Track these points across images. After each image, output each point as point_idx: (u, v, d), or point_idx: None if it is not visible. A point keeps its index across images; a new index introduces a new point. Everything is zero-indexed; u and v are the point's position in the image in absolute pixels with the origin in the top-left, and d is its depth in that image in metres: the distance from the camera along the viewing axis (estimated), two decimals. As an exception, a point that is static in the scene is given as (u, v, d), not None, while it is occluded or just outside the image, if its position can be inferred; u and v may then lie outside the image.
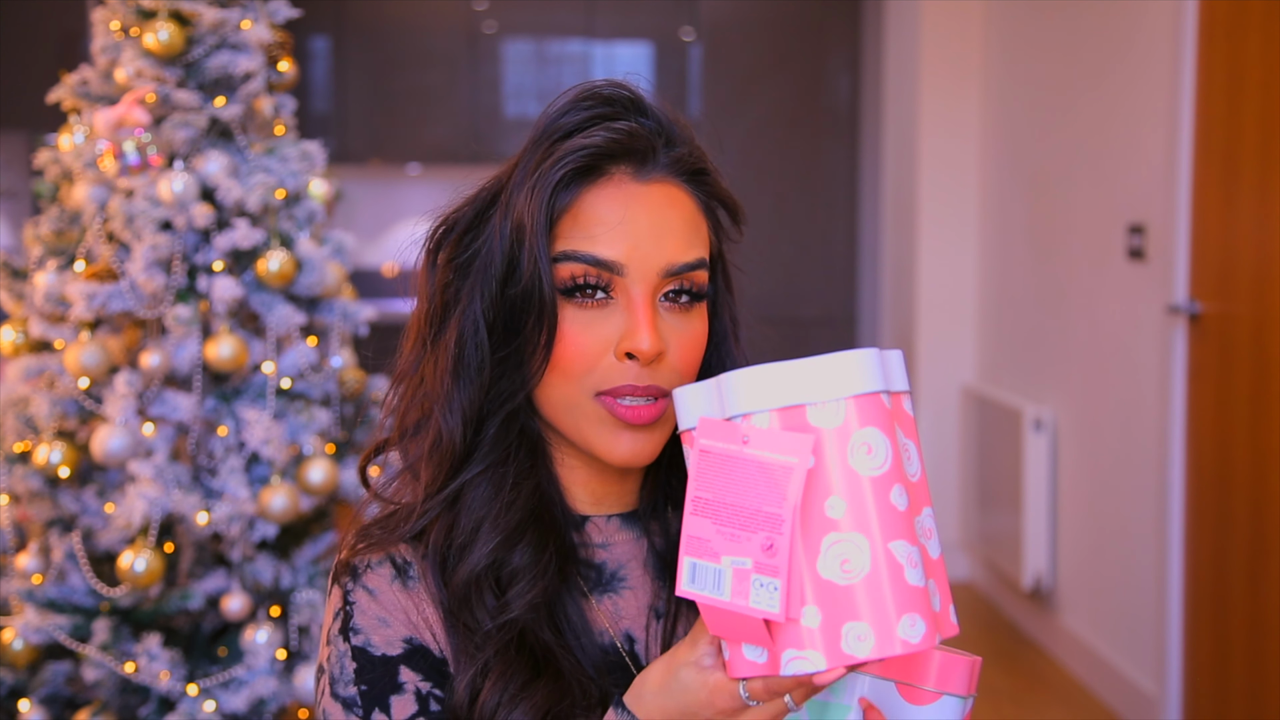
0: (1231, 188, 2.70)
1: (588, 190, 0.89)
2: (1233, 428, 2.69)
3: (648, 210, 0.89)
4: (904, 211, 4.54)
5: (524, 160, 0.91)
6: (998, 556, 3.95)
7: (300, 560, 2.30)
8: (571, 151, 0.88)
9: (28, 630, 2.15)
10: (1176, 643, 2.91)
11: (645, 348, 0.87)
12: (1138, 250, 3.10)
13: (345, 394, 2.37)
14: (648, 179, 0.91)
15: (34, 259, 2.30)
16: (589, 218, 0.88)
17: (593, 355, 0.88)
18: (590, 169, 0.89)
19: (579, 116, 0.90)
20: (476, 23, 5.30)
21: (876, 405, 0.74)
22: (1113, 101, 3.27)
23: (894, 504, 0.73)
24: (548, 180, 0.88)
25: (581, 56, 5.38)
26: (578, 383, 0.89)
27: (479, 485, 0.91)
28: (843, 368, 0.74)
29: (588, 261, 0.88)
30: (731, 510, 0.74)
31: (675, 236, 0.90)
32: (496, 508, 0.90)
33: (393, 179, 5.59)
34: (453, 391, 0.91)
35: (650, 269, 0.89)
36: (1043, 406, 3.68)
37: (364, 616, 0.90)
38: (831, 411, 0.73)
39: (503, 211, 0.90)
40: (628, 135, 0.90)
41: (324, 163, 2.38)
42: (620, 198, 0.89)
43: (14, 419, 2.26)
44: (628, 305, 0.88)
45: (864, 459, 0.73)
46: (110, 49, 2.28)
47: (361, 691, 0.88)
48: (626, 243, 0.88)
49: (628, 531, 0.97)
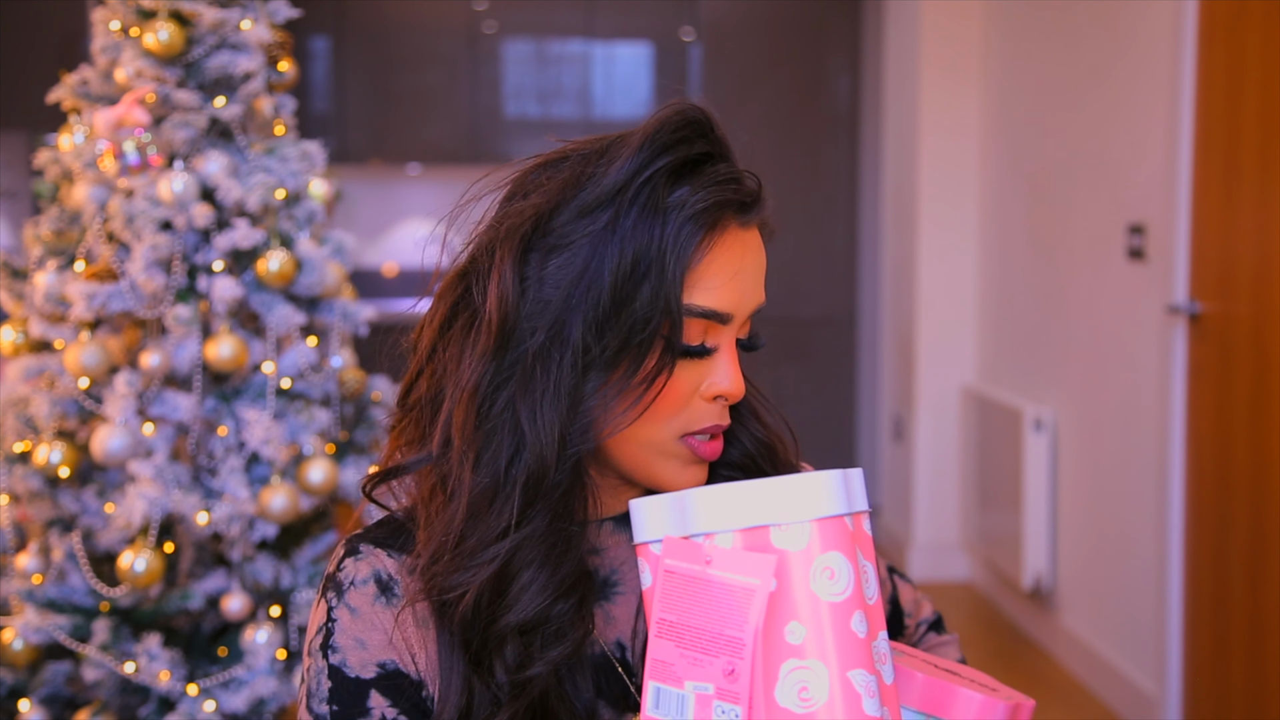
0: (1231, 188, 2.70)
1: (710, 243, 0.87)
2: (1233, 428, 2.69)
3: (751, 259, 0.90)
4: (904, 211, 4.54)
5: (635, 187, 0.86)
6: (998, 556, 3.95)
7: (300, 560, 2.30)
8: (703, 210, 0.86)
9: (28, 630, 2.15)
10: (1176, 643, 2.91)
11: (738, 391, 0.89)
12: (1138, 250, 3.10)
13: (345, 394, 2.37)
14: (748, 226, 0.91)
15: (34, 259, 2.30)
16: (710, 271, 0.87)
17: (685, 399, 0.89)
18: (712, 222, 0.88)
19: (681, 151, 0.87)
20: (476, 23, 5.30)
21: (840, 529, 0.74)
22: (1113, 101, 3.27)
23: (854, 631, 0.72)
24: (687, 237, 0.85)
25: (581, 56, 5.38)
26: (665, 425, 0.88)
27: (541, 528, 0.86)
28: (808, 490, 0.74)
29: (705, 314, 0.87)
30: (694, 633, 0.74)
31: (760, 279, 0.92)
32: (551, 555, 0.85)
33: (393, 179, 5.59)
34: (553, 418, 0.84)
35: (745, 313, 0.90)
36: (1043, 406, 3.68)
37: (343, 635, 0.89)
38: (796, 534, 0.73)
39: (613, 237, 0.85)
40: (739, 186, 0.90)
41: (324, 163, 2.38)
42: (736, 250, 0.89)
43: (14, 419, 2.26)
44: (722, 352, 0.90)
45: (826, 584, 0.72)
46: (110, 49, 2.28)
47: (333, 711, 0.88)
48: (737, 294, 0.89)
49: (621, 534, 0.96)
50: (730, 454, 0.99)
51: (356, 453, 2.38)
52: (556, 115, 5.39)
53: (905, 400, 4.58)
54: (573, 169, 0.89)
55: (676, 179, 0.87)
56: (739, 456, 0.99)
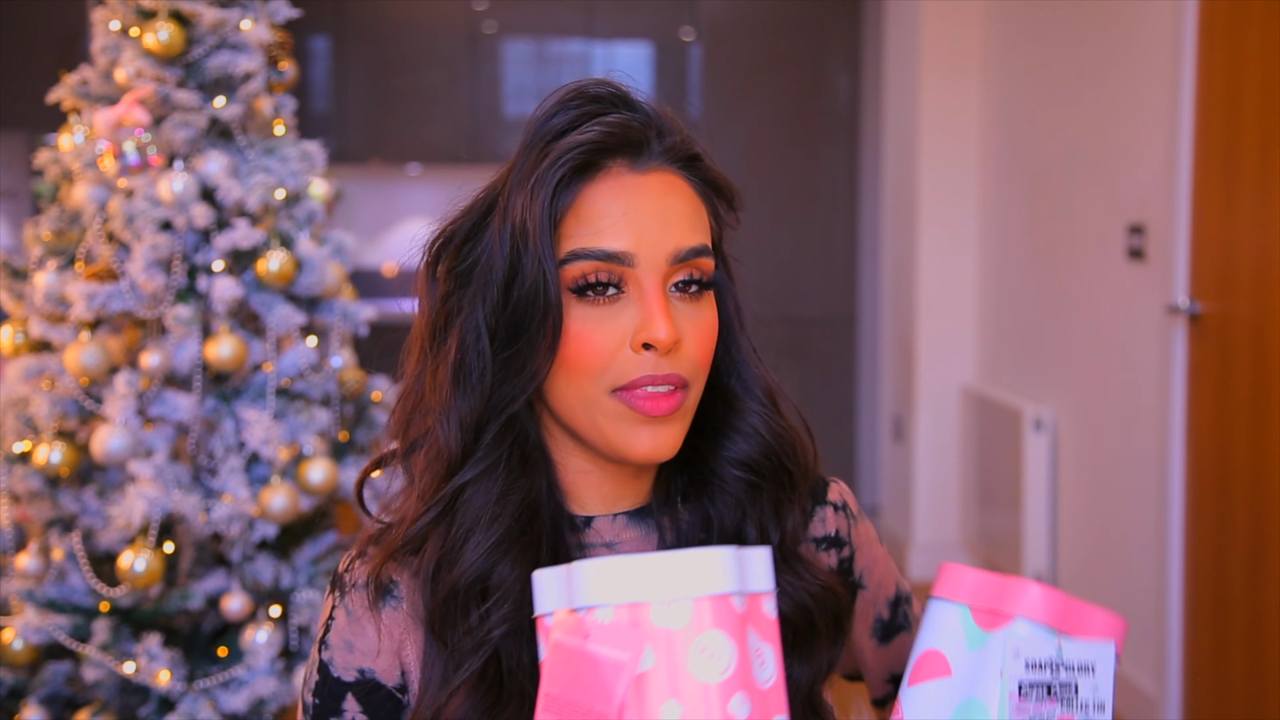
0: (1231, 188, 2.70)
1: (587, 187, 0.89)
2: (1233, 428, 2.69)
3: (650, 199, 0.89)
4: (904, 211, 4.54)
5: (518, 164, 0.90)
6: (998, 556, 3.95)
7: (300, 560, 2.30)
8: (568, 150, 0.88)
9: (28, 630, 2.15)
10: (1176, 643, 2.91)
11: (663, 336, 0.86)
12: (1138, 250, 3.10)
13: (345, 394, 2.37)
14: (645, 169, 0.90)
15: (34, 259, 2.30)
16: (592, 213, 0.88)
17: (608, 351, 0.88)
18: (587, 165, 0.89)
19: (569, 116, 0.90)
20: (476, 23, 5.30)
21: (725, 608, 0.73)
22: (1113, 101, 3.27)
23: (732, 714, 0.72)
24: (547, 180, 0.87)
25: (581, 56, 5.38)
26: (594, 380, 0.88)
27: (473, 492, 0.91)
28: (692, 567, 0.73)
29: (597, 257, 0.87)
30: (571, 708, 0.73)
31: (680, 222, 0.89)
32: (486, 515, 0.90)
33: (393, 179, 5.59)
34: (451, 400, 0.91)
35: (659, 257, 0.88)
36: (1043, 406, 3.68)
37: (336, 635, 0.93)
38: (677, 611, 0.72)
39: (501, 216, 0.90)
40: (621, 128, 0.89)
41: (324, 163, 2.38)
42: (621, 190, 0.89)
43: (14, 419, 2.26)
44: (640, 297, 0.88)
45: (705, 663, 0.72)
46: (110, 49, 2.28)
47: (314, 704, 0.93)
48: (632, 233, 0.87)
49: (636, 528, 0.96)
50: (745, 448, 0.96)
51: (356, 453, 2.38)
52: (556, 115, 5.38)
53: (905, 400, 4.58)
54: (502, 167, 0.94)
55: (560, 138, 0.90)
56: (758, 452, 0.96)
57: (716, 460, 0.96)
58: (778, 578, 0.93)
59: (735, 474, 0.96)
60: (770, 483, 0.96)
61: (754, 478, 0.96)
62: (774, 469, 0.96)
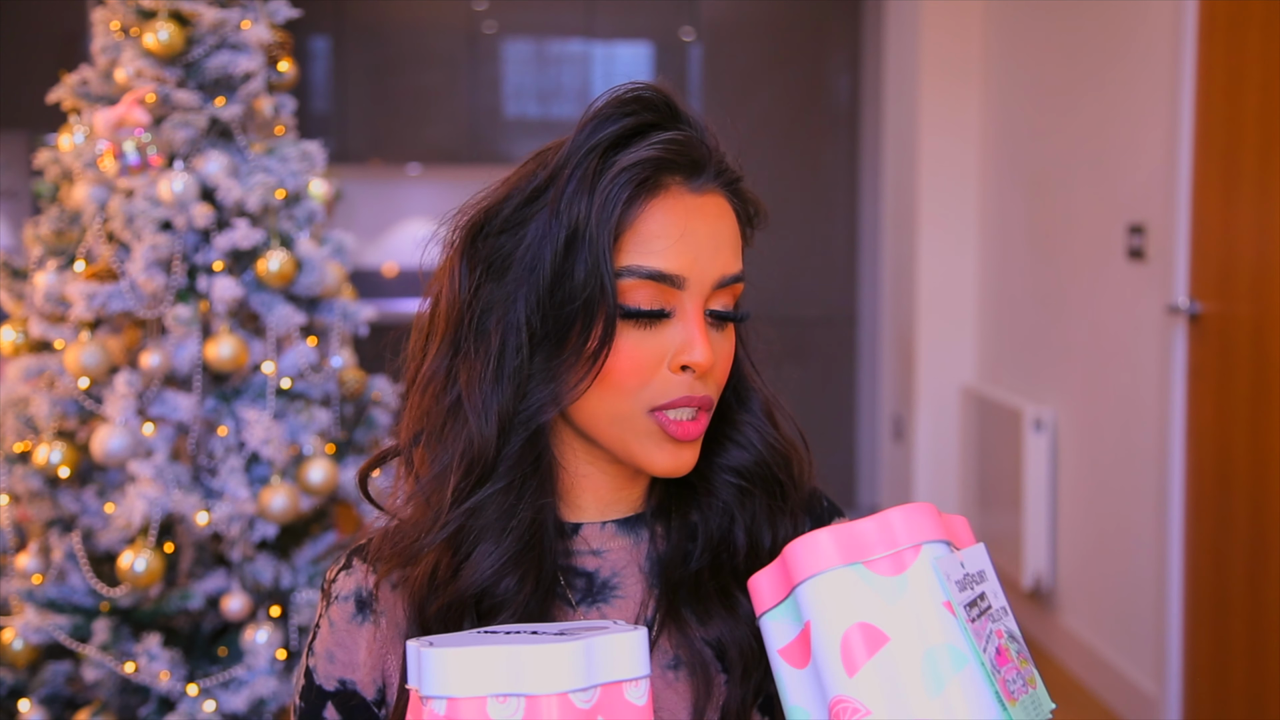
0: (1231, 188, 2.70)
1: (647, 204, 0.87)
2: (1233, 428, 2.69)
3: (705, 222, 0.89)
4: (904, 211, 4.54)
5: (573, 162, 0.87)
6: (998, 556, 3.95)
7: (300, 560, 2.30)
8: (632, 166, 0.87)
9: (28, 630, 2.15)
10: (1176, 643, 2.91)
11: (702, 359, 0.87)
12: (1138, 250, 3.10)
13: (345, 394, 2.37)
14: (702, 191, 0.90)
15: (34, 259, 2.30)
16: (650, 231, 0.87)
17: (648, 370, 0.88)
18: (646, 180, 0.88)
19: (625, 123, 0.88)
20: (476, 23, 5.30)
21: (564, 705, 0.72)
22: (1113, 101, 3.27)
23: None
24: (613, 197, 0.86)
25: (581, 56, 5.38)
26: (631, 398, 0.88)
27: (491, 504, 0.89)
28: (530, 663, 0.72)
29: (651, 276, 0.86)
30: None
31: (727, 248, 0.90)
32: (498, 530, 0.88)
33: (393, 179, 5.59)
34: (490, 396, 0.88)
35: (706, 281, 0.88)
36: (1043, 406, 3.68)
37: (321, 643, 0.94)
38: (512, 707, 0.71)
39: (553, 214, 0.87)
40: (683, 146, 0.89)
41: (324, 163, 2.38)
42: (679, 210, 0.88)
43: (14, 419, 2.26)
44: (683, 318, 0.88)
45: None
46: (110, 49, 2.28)
47: (301, 707, 0.94)
48: (687, 256, 0.87)
49: (625, 537, 0.96)
50: (739, 457, 0.96)
51: (356, 453, 2.38)
52: (556, 115, 5.39)
53: (905, 400, 4.58)
54: (530, 162, 0.92)
55: (615, 149, 0.88)
56: (751, 462, 0.96)
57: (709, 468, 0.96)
58: None
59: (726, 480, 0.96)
60: (761, 490, 0.96)
61: (744, 484, 0.96)
62: (765, 478, 0.97)
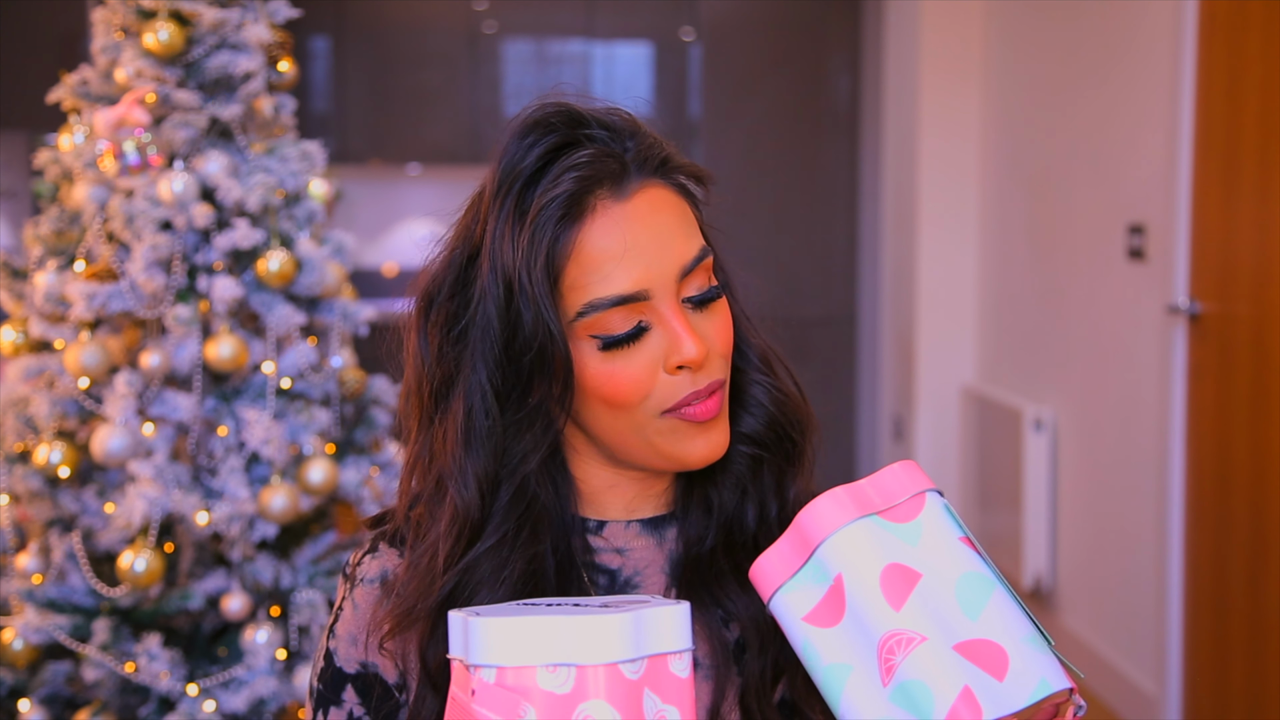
0: (1231, 188, 2.70)
1: (579, 231, 0.86)
2: (1233, 428, 2.69)
3: (643, 224, 0.87)
4: (904, 211, 4.54)
5: (494, 213, 0.87)
6: (998, 556, 3.95)
7: (300, 560, 2.30)
8: (549, 204, 0.85)
9: (28, 630, 2.15)
10: (1176, 643, 2.91)
11: (693, 355, 0.87)
12: (1138, 250, 3.10)
13: (345, 394, 2.37)
14: (627, 194, 0.88)
15: (34, 259, 2.30)
16: (593, 259, 0.86)
17: (644, 381, 0.88)
18: (571, 208, 0.87)
19: (534, 155, 0.87)
20: (476, 23, 5.30)
21: (612, 676, 0.72)
22: (1113, 101, 3.27)
23: None
24: (538, 239, 0.85)
25: (581, 56, 5.38)
26: (639, 410, 0.88)
27: (484, 561, 0.90)
28: (580, 633, 0.72)
29: (614, 303, 0.86)
30: None
31: (675, 237, 0.89)
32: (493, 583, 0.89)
33: (393, 179, 5.59)
34: (465, 463, 0.89)
35: (668, 279, 0.88)
36: (1043, 406, 3.68)
37: (343, 626, 0.94)
38: (560, 677, 0.72)
39: (490, 268, 0.87)
40: (592, 168, 0.87)
41: (324, 163, 2.38)
42: (614, 227, 0.87)
43: (14, 419, 2.26)
44: (661, 323, 0.88)
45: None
46: (110, 49, 2.28)
47: (318, 689, 0.94)
48: (639, 267, 0.86)
49: (648, 537, 0.96)
50: (750, 423, 0.96)
51: (356, 453, 2.38)
52: (556, 115, 5.38)
53: (905, 400, 4.58)
54: (464, 215, 0.91)
55: (531, 186, 0.87)
56: (762, 426, 0.96)
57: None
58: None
59: (740, 450, 0.95)
60: (774, 453, 0.96)
61: (758, 451, 0.96)
62: (778, 439, 0.96)
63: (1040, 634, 0.78)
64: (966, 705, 0.73)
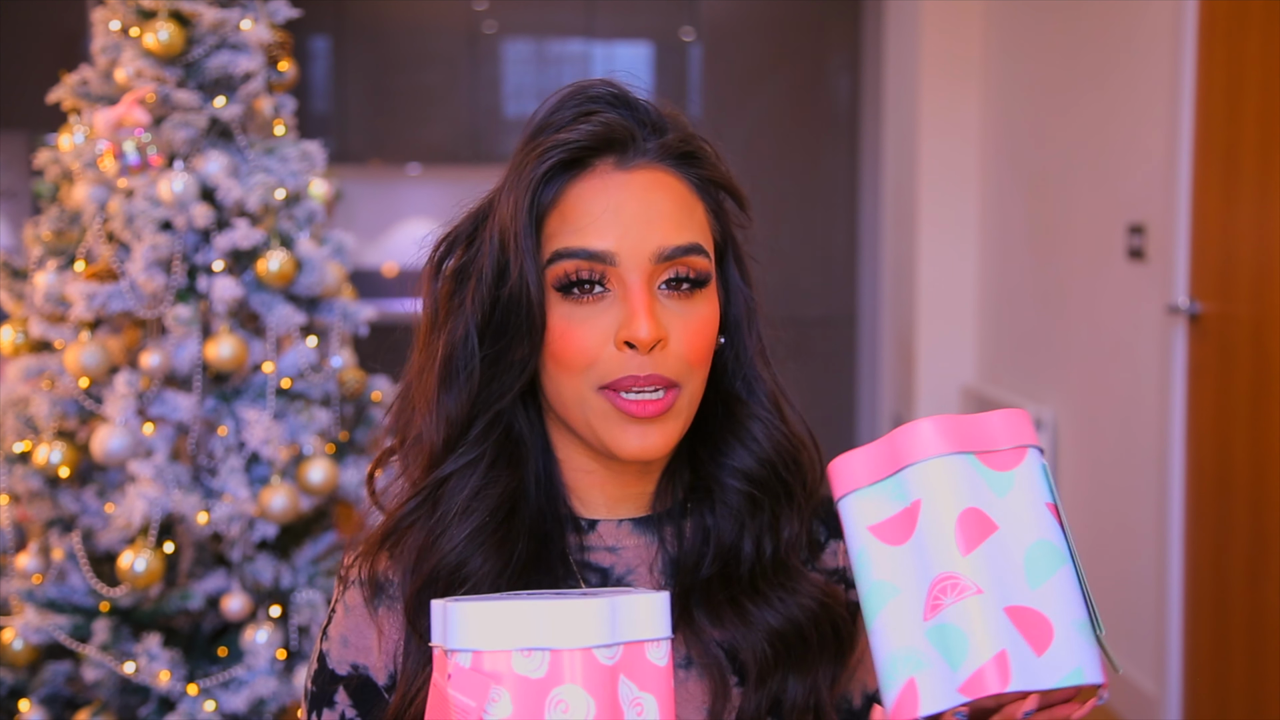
0: (1231, 188, 2.70)
1: (571, 185, 0.89)
2: (1233, 428, 2.69)
3: (633, 196, 0.89)
4: (904, 211, 4.54)
5: (513, 164, 0.91)
6: (998, 556, 3.94)
7: (300, 560, 2.30)
8: (552, 148, 0.88)
9: (28, 630, 2.15)
10: (1176, 643, 2.91)
11: (643, 335, 0.86)
12: (1138, 250, 3.10)
13: (345, 394, 2.37)
14: (631, 167, 0.90)
15: (34, 259, 2.30)
16: (575, 211, 0.88)
17: (592, 348, 0.88)
18: (573, 164, 0.89)
19: (565, 115, 0.91)
20: (476, 23, 5.30)
21: (587, 661, 0.72)
22: (1113, 101, 3.27)
23: None
24: (528, 178, 0.88)
25: (581, 56, 5.38)
26: (581, 376, 0.88)
27: (455, 484, 0.92)
28: (555, 618, 0.72)
29: (579, 256, 0.87)
30: None
31: (664, 220, 0.89)
32: (463, 507, 0.91)
33: (393, 179, 5.59)
34: (437, 396, 0.92)
35: (642, 255, 0.88)
36: (1043, 406, 3.68)
37: (335, 628, 0.95)
38: (535, 661, 0.72)
39: (492, 216, 0.91)
40: (605, 127, 0.89)
41: (324, 163, 2.38)
42: (603, 188, 0.89)
43: (14, 419, 2.26)
44: (624, 295, 0.88)
45: (559, 717, 0.72)
46: (110, 49, 2.28)
47: (311, 691, 0.95)
48: (615, 232, 0.87)
49: (639, 536, 0.96)
50: (745, 460, 0.95)
51: (356, 453, 2.38)
52: (556, 115, 5.39)
53: (905, 400, 4.58)
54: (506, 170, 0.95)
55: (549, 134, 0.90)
56: (757, 464, 0.95)
57: (717, 468, 0.96)
58: (768, 592, 0.93)
59: (735, 485, 0.95)
60: (769, 496, 0.96)
61: (753, 490, 0.95)
62: (772, 481, 0.96)
63: (1093, 623, 0.77)
64: (998, 668, 0.72)
